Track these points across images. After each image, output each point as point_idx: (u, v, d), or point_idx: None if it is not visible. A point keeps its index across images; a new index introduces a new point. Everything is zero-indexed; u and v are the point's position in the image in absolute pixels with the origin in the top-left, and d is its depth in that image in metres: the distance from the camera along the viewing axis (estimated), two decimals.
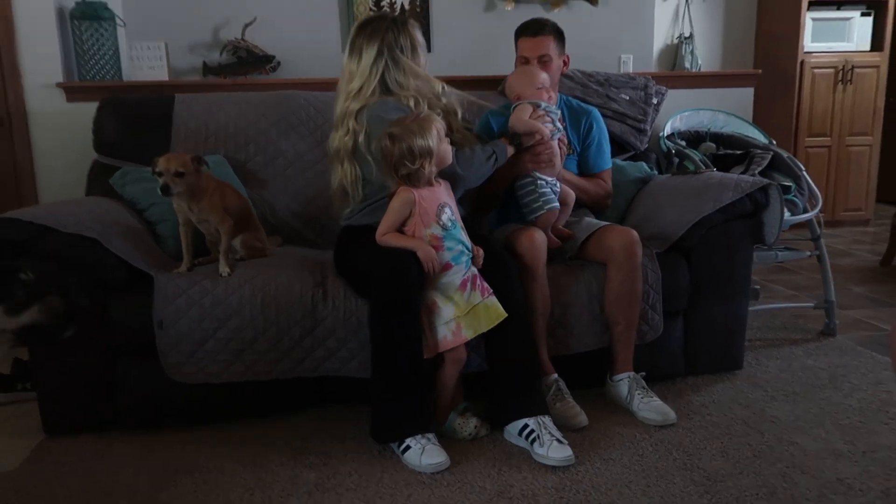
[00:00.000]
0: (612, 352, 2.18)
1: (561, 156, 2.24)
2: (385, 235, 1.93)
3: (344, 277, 2.09)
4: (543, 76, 2.28)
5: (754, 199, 2.27)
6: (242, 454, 1.93)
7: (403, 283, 1.86)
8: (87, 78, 2.83)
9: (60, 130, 2.79)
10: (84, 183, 2.55)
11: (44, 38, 2.74)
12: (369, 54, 2.08)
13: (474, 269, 1.96)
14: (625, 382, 2.14)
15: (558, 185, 2.24)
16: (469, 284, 1.93)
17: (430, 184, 1.94)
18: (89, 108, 2.61)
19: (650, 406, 2.06)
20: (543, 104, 2.22)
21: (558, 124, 2.25)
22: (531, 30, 2.45)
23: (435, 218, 1.92)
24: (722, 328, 2.36)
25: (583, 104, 2.57)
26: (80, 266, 1.94)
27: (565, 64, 2.53)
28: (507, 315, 1.91)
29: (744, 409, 2.14)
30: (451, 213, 1.95)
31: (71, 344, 1.92)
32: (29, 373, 2.21)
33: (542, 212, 2.16)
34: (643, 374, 2.17)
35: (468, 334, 1.91)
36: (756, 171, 2.69)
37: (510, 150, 2.14)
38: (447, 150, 1.96)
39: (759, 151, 2.83)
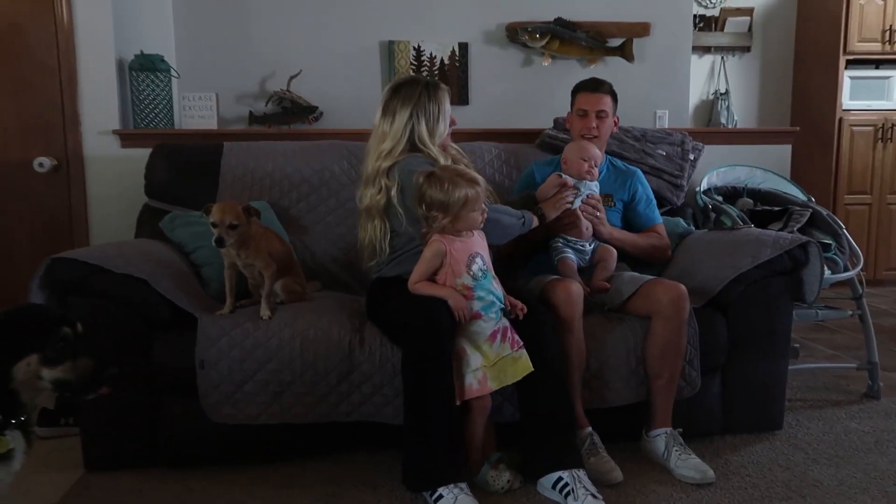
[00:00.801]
0: (650, 406, 2.16)
1: (595, 217, 2.36)
2: (417, 284, 1.96)
3: (377, 326, 2.12)
4: (594, 152, 2.40)
5: (793, 257, 2.26)
6: (276, 497, 1.94)
7: (435, 332, 1.88)
8: (141, 126, 2.96)
9: (114, 175, 2.90)
10: (134, 226, 2.64)
11: (103, 88, 2.89)
12: (402, 116, 2.16)
13: (506, 321, 1.97)
14: (662, 438, 2.11)
15: (588, 244, 2.35)
16: (499, 336, 1.93)
17: (461, 233, 1.97)
18: (142, 155, 2.73)
19: (688, 464, 2.03)
20: (574, 181, 2.35)
21: (590, 190, 2.36)
22: (591, 86, 2.55)
23: (466, 268, 1.94)
24: (761, 386, 2.32)
25: (628, 166, 2.67)
26: (128, 304, 2.00)
27: (615, 124, 2.60)
28: (533, 369, 1.91)
29: (784, 471, 2.08)
30: (482, 264, 1.97)
31: (116, 380, 2.00)
32: (73, 408, 2.26)
33: (556, 263, 2.30)
34: (680, 430, 2.13)
35: (493, 385, 1.90)
36: (795, 228, 2.68)
37: (535, 222, 2.22)
38: (473, 219, 1.96)
39: (797, 208, 2.82)
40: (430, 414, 1.88)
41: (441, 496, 1.82)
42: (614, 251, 2.34)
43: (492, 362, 1.90)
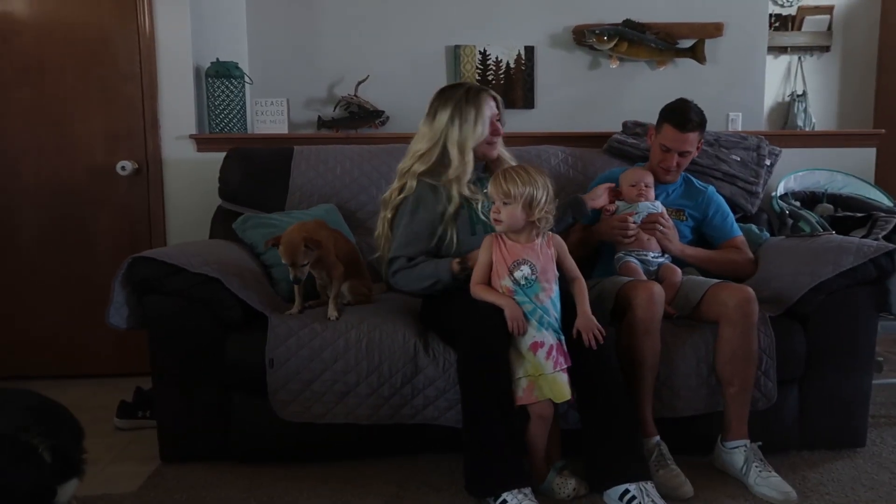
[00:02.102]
0: (724, 416, 2.09)
1: (658, 233, 2.34)
2: (476, 286, 1.96)
3: (434, 332, 2.13)
4: (645, 179, 2.42)
5: (879, 265, 2.15)
6: (340, 496, 1.96)
7: (489, 339, 1.87)
8: (216, 130, 3.06)
9: (190, 178, 3.02)
10: (208, 227, 2.74)
11: (182, 94, 3.01)
12: (441, 118, 2.16)
13: (553, 339, 1.89)
14: (741, 451, 2.03)
15: (653, 256, 2.34)
16: (543, 350, 1.87)
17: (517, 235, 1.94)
18: (217, 158, 2.83)
19: (769, 482, 1.94)
20: (621, 206, 2.40)
21: (648, 209, 2.36)
22: (680, 123, 2.44)
23: (509, 272, 1.91)
24: (842, 401, 2.22)
25: (702, 183, 2.63)
26: (203, 303, 2.07)
27: (698, 148, 2.55)
28: (569, 398, 1.87)
29: (868, 490, 1.98)
30: (529, 273, 1.91)
31: (191, 377, 2.08)
32: (150, 401, 2.36)
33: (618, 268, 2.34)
34: (760, 444, 2.05)
35: (538, 396, 1.87)
36: (880, 236, 2.55)
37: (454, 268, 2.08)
38: (516, 219, 1.91)
39: (882, 214, 2.68)
40: (487, 420, 1.87)
41: (505, 501, 1.80)
42: (679, 270, 2.29)
43: (535, 373, 1.87)
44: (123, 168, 2.94)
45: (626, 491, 1.83)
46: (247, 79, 3.15)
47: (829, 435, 2.23)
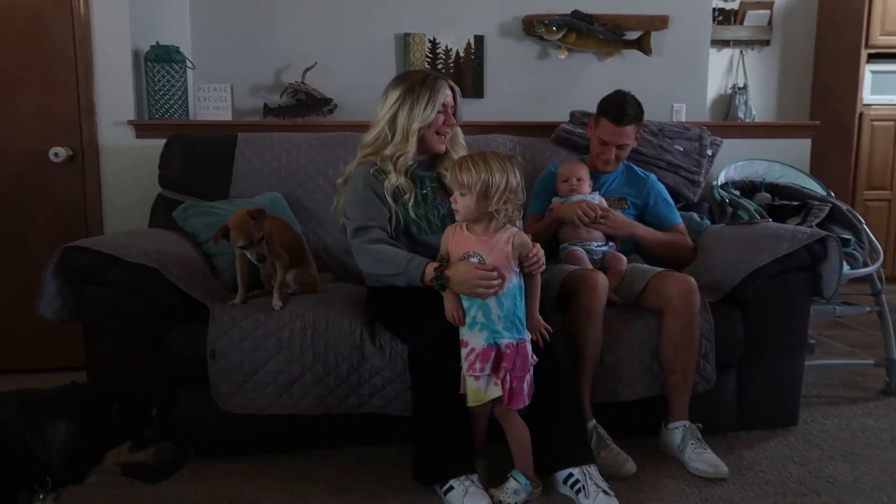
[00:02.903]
0: (667, 401, 2.14)
1: (598, 224, 2.36)
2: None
3: (382, 324, 2.12)
4: (578, 174, 2.45)
5: (812, 251, 2.22)
6: (287, 488, 1.94)
7: (440, 331, 1.87)
8: (156, 116, 2.97)
9: (128, 165, 2.92)
10: (148, 215, 2.66)
11: (119, 78, 2.90)
12: (391, 100, 2.11)
13: (479, 343, 1.81)
14: (679, 431, 2.09)
15: (597, 245, 2.38)
16: (464, 349, 1.83)
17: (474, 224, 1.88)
18: (157, 145, 2.75)
19: (702, 458, 2.01)
20: (556, 201, 2.47)
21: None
22: (616, 117, 2.45)
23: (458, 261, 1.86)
24: (777, 383, 2.29)
25: (643, 171, 2.66)
26: (141, 294, 2.01)
27: (637, 139, 2.57)
28: (475, 404, 1.82)
29: (799, 467, 2.06)
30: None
31: (129, 371, 2.02)
32: None
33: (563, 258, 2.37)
34: (700, 426, 2.11)
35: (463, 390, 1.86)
36: (814, 223, 2.64)
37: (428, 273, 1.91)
38: (467, 207, 1.83)
39: (816, 203, 2.77)
40: (435, 410, 1.88)
41: (452, 487, 1.81)
42: (624, 258, 2.33)
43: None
44: (57, 155, 2.82)
45: (571, 475, 1.86)
46: (188, 63, 3.06)
47: (765, 415, 2.31)
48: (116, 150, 2.93)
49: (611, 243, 2.42)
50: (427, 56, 3.79)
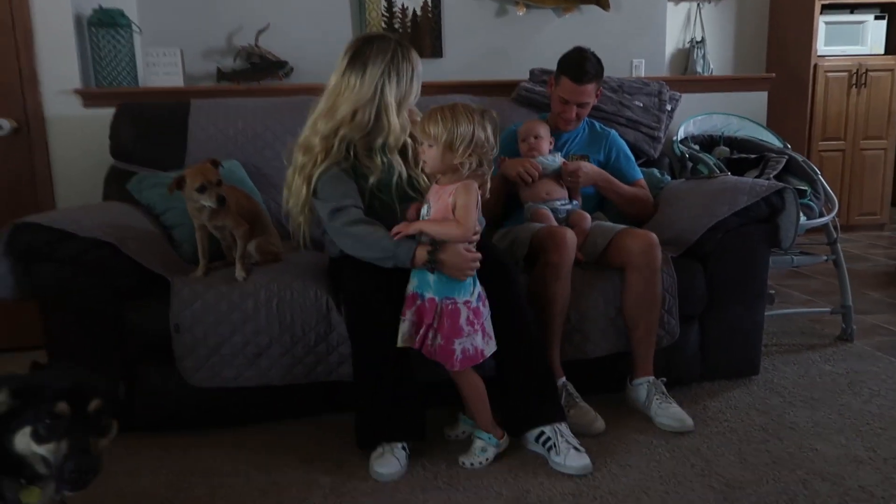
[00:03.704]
0: (631, 356, 2.17)
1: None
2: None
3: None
4: (536, 132, 2.42)
5: (770, 203, 2.26)
6: (258, 458, 1.93)
7: (372, 296, 1.87)
8: (103, 84, 2.85)
9: (77, 136, 2.80)
10: (101, 188, 2.57)
11: (61, 45, 2.76)
12: (373, 72, 1.93)
13: (412, 289, 1.86)
14: (644, 387, 2.13)
15: (561, 204, 2.36)
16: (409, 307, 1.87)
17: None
18: (106, 115, 2.64)
19: (668, 412, 2.05)
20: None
21: (546, 161, 2.38)
22: (576, 76, 2.42)
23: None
24: (739, 333, 2.35)
25: (604, 127, 2.64)
26: (97, 270, 1.95)
27: (597, 96, 2.55)
28: (398, 345, 1.85)
29: (762, 415, 2.12)
30: (425, 213, 1.88)
31: (88, 349, 1.97)
32: None
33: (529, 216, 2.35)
34: (663, 379, 2.15)
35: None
36: (771, 175, 2.68)
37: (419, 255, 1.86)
38: (436, 159, 1.81)
39: (773, 155, 2.81)
40: (365, 378, 1.90)
41: (381, 453, 1.85)
42: (588, 216, 2.33)
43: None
44: (0, 127, 2.69)
45: (542, 433, 1.89)
46: (135, 27, 2.93)
47: (728, 366, 2.37)
48: (63, 120, 2.80)
49: (575, 202, 2.42)
50: (383, 15, 3.70)
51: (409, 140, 2.03)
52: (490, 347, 1.87)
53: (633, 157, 2.62)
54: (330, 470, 1.86)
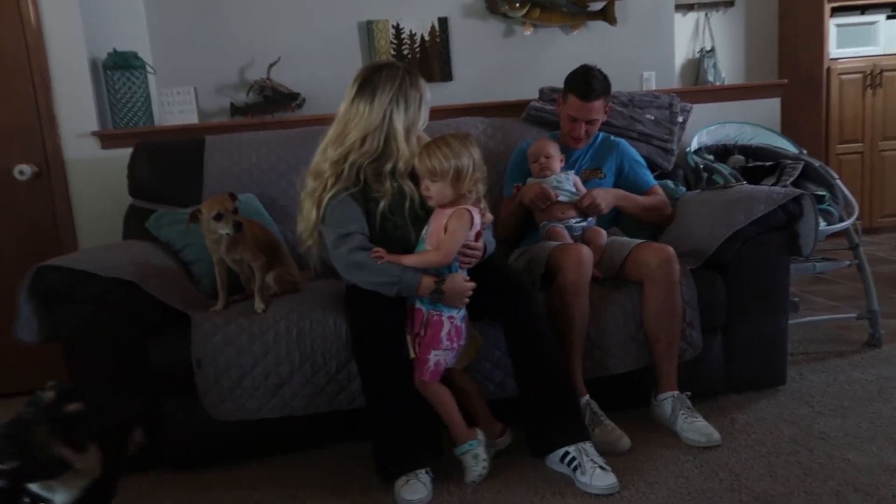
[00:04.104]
0: (655, 371, 2.15)
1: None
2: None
3: None
4: (547, 151, 2.43)
5: (788, 210, 2.23)
6: (283, 490, 1.93)
7: (379, 324, 1.89)
8: (120, 125, 2.91)
9: (96, 177, 2.86)
10: (121, 227, 2.61)
11: (78, 89, 2.83)
12: (382, 100, 1.95)
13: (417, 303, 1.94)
14: (668, 402, 2.10)
15: (576, 222, 2.38)
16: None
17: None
18: (124, 155, 2.70)
19: (693, 426, 2.02)
20: (530, 181, 2.44)
21: (559, 181, 2.40)
22: (583, 93, 2.43)
23: None
24: (763, 343, 2.31)
25: (610, 137, 2.65)
26: (120, 308, 1.98)
27: (606, 112, 2.56)
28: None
29: (790, 425, 2.08)
30: (424, 233, 1.94)
31: (113, 387, 1.99)
32: None
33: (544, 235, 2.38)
34: (688, 393, 2.13)
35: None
36: (788, 182, 2.65)
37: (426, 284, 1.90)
38: (444, 194, 1.89)
39: (789, 162, 2.79)
40: (382, 407, 1.90)
41: (408, 482, 1.84)
42: (604, 233, 2.33)
43: None
44: (22, 173, 2.76)
45: (567, 453, 1.87)
46: (149, 68, 3.00)
47: (753, 376, 2.33)
48: (82, 162, 2.87)
49: (590, 219, 2.42)
50: (392, 42, 3.75)
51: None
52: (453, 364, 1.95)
53: (644, 163, 2.62)
54: (357, 500, 1.86)
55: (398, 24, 3.74)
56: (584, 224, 2.37)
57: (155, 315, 2.02)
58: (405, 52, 3.74)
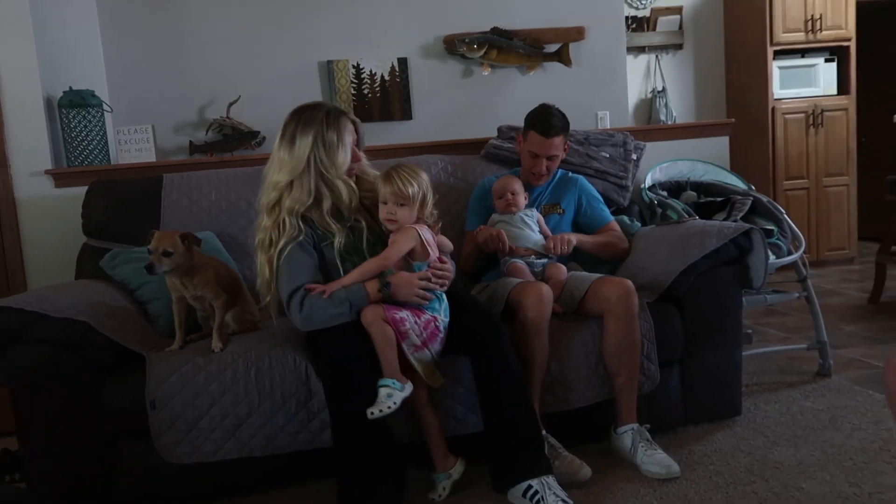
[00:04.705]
0: (615, 404, 2.17)
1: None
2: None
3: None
4: (512, 188, 2.47)
5: (738, 244, 2.31)
6: None
7: (351, 361, 1.89)
8: (75, 164, 2.87)
9: (49, 217, 2.81)
10: (73, 267, 2.56)
11: (32, 127, 2.79)
12: (303, 145, 1.98)
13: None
14: (628, 435, 2.12)
15: (537, 259, 2.41)
16: None
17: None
18: (78, 194, 2.66)
19: (653, 459, 2.04)
20: (496, 217, 2.49)
21: (524, 216, 2.46)
22: (543, 129, 2.49)
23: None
24: (718, 375, 2.36)
25: (569, 173, 2.71)
26: (72, 349, 1.93)
27: (565, 150, 2.63)
28: None
29: (746, 456, 2.12)
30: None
31: (65, 432, 1.93)
32: (19, 462, 2.17)
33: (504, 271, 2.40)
34: (647, 426, 2.15)
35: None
36: (738, 217, 2.74)
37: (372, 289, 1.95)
38: (410, 218, 1.99)
39: (739, 197, 2.89)
40: (350, 442, 1.88)
41: None
42: (564, 269, 2.37)
43: None
44: None
45: (530, 486, 1.86)
46: (106, 107, 2.98)
47: (710, 408, 2.37)
48: (35, 201, 2.82)
49: (551, 255, 2.46)
50: (352, 82, 3.80)
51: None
52: (409, 352, 1.93)
53: (602, 199, 2.69)
54: None
55: (358, 64, 3.79)
56: (544, 261, 2.41)
57: (109, 356, 1.97)
58: (365, 91, 3.80)
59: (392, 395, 1.86)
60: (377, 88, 3.81)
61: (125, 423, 1.97)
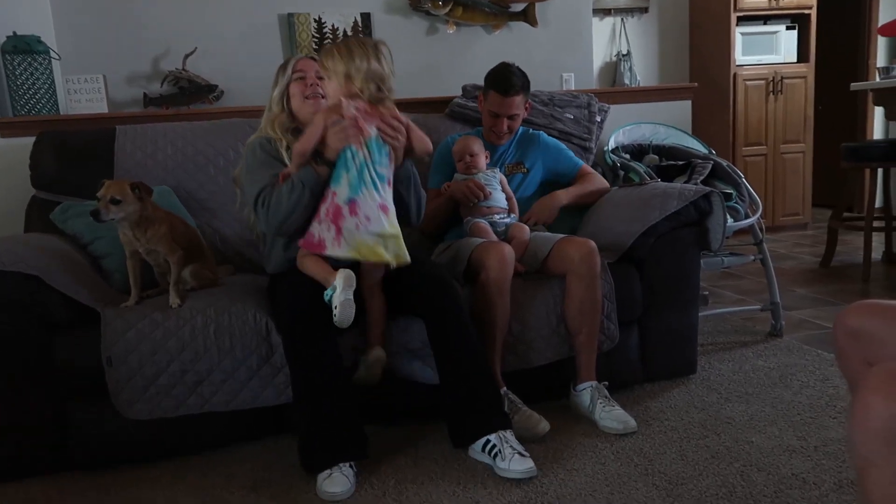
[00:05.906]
0: (574, 362, 2.20)
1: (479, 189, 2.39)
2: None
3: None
4: (471, 150, 2.45)
5: (698, 207, 2.34)
6: (202, 489, 1.87)
7: (311, 314, 1.87)
8: (21, 113, 2.75)
9: None
10: (22, 220, 2.46)
11: None
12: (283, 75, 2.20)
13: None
14: (587, 392, 2.16)
15: (500, 218, 2.40)
16: None
17: None
18: (25, 144, 2.55)
19: (611, 415, 2.09)
20: (458, 178, 2.46)
21: (487, 177, 2.43)
22: (503, 88, 2.47)
23: None
24: (676, 334, 2.42)
25: (529, 130, 2.70)
26: (21, 305, 1.86)
27: (527, 109, 2.60)
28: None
29: (700, 412, 2.18)
30: None
31: (14, 390, 1.87)
32: None
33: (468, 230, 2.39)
34: (605, 383, 2.19)
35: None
36: (698, 181, 2.78)
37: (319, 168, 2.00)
38: (336, 91, 1.96)
39: (699, 161, 2.92)
40: (311, 397, 1.87)
41: (330, 475, 1.83)
42: (527, 228, 2.37)
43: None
44: None
45: (488, 441, 1.89)
46: (53, 54, 2.84)
47: (667, 367, 2.43)
48: None
49: (513, 215, 2.46)
50: (314, 36, 3.70)
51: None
52: (333, 251, 1.87)
53: (565, 147, 2.70)
54: (277, 495, 1.82)
55: (320, 18, 3.69)
56: (507, 220, 2.41)
57: (62, 312, 1.91)
58: (327, 45, 3.70)
59: (331, 299, 1.87)
60: None
61: (80, 380, 1.93)
